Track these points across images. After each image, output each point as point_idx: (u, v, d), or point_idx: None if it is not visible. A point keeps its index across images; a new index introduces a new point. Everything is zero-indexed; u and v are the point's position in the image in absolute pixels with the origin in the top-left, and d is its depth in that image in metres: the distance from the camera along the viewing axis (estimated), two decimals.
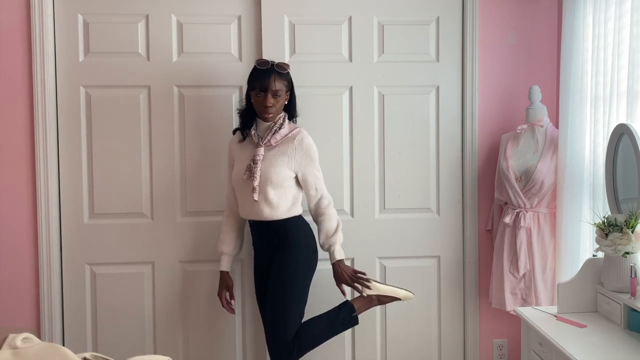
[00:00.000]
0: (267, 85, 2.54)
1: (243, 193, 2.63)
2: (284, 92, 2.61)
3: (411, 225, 3.11)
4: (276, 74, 2.57)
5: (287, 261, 2.61)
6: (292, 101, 2.68)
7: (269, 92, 2.55)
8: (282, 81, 2.59)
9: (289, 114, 2.69)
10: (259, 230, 2.68)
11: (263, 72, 2.57)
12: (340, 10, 3.03)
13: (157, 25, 2.95)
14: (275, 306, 2.61)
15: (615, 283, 2.32)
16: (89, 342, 3.00)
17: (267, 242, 2.67)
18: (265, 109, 2.57)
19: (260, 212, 2.60)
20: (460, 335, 3.18)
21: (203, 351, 3.05)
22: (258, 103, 2.58)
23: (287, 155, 2.60)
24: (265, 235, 2.66)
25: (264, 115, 2.59)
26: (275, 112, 2.61)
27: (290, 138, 2.62)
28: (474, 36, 3.06)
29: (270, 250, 2.67)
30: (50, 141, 2.89)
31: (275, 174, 2.57)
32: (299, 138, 2.62)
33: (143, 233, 2.99)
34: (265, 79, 2.55)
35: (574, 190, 2.72)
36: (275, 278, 2.63)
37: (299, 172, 2.63)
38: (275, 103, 2.58)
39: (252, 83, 2.60)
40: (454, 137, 3.11)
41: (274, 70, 2.58)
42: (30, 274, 2.93)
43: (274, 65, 2.59)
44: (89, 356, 1.92)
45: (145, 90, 2.97)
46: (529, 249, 2.87)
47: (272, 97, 2.56)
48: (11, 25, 2.86)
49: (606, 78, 2.51)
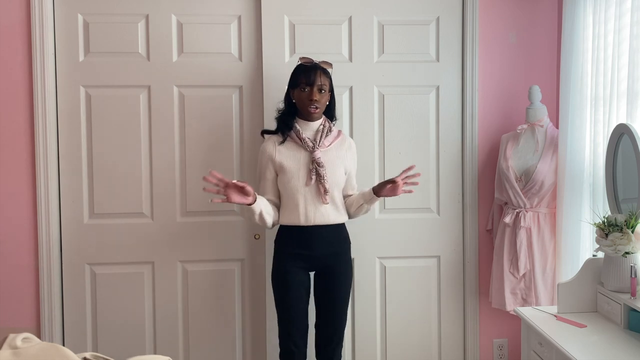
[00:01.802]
0: (313, 80, 2.54)
1: (304, 198, 2.57)
2: (327, 89, 2.61)
3: (411, 225, 3.11)
4: (321, 70, 2.58)
5: (347, 268, 2.68)
6: (332, 102, 2.68)
7: (314, 86, 2.55)
8: (326, 78, 2.59)
9: (329, 116, 2.69)
10: (317, 236, 2.59)
11: (308, 68, 2.57)
12: (340, 10, 3.03)
13: (157, 25, 2.95)
14: (340, 316, 2.65)
15: (615, 283, 2.32)
16: (89, 342, 3.00)
17: (325, 247, 2.61)
18: (311, 103, 2.54)
19: (328, 216, 2.59)
20: (460, 335, 3.18)
21: (203, 351, 3.05)
22: (304, 98, 2.56)
23: (340, 157, 2.64)
24: (325, 240, 2.60)
25: (310, 110, 2.56)
26: (321, 108, 2.59)
27: (340, 140, 2.67)
28: (474, 36, 3.06)
29: (327, 256, 2.62)
30: (50, 141, 2.89)
31: (339, 177, 2.61)
32: (349, 140, 2.72)
33: (143, 233, 2.99)
34: (310, 74, 2.54)
35: (574, 190, 2.72)
36: (339, 286, 2.64)
37: (346, 171, 2.67)
38: (320, 99, 2.56)
39: (297, 79, 2.58)
40: (454, 137, 3.11)
41: (319, 66, 2.59)
42: (30, 274, 2.93)
43: (317, 62, 2.61)
44: (89, 356, 1.92)
45: (145, 90, 2.97)
46: (529, 249, 2.87)
47: (317, 92, 2.55)
48: (11, 25, 2.86)
49: (606, 78, 2.51)
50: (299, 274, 2.61)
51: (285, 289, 2.59)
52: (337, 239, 2.65)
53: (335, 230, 2.63)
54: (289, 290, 2.59)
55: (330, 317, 2.65)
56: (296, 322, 2.61)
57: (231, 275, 3.05)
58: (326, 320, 2.66)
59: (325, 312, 2.65)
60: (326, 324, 2.66)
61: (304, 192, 2.56)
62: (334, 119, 2.72)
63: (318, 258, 2.60)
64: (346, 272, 2.68)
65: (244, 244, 3.04)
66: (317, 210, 2.57)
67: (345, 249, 2.69)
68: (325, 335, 2.67)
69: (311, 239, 2.58)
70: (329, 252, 2.62)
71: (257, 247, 3.03)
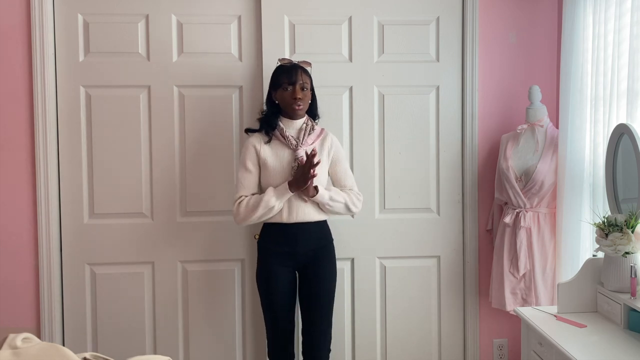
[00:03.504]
0: (295, 79, 2.58)
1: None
2: (309, 87, 2.65)
3: (411, 225, 3.11)
4: (301, 69, 2.62)
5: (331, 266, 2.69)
6: (314, 101, 2.72)
7: (297, 85, 2.59)
8: (307, 76, 2.64)
9: (311, 114, 2.71)
10: (301, 233, 2.61)
11: (289, 68, 2.61)
12: (340, 10, 3.03)
13: (157, 25, 2.95)
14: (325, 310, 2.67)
15: (615, 283, 2.32)
16: (89, 342, 3.00)
17: (308, 244, 2.63)
18: (295, 101, 2.58)
19: (309, 213, 2.60)
20: (460, 335, 3.18)
21: (203, 351, 3.05)
22: (287, 97, 2.59)
23: (324, 155, 2.66)
24: (307, 237, 2.62)
25: (295, 107, 2.59)
26: (304, 106, 2.63)
27: (322, 138, 2.69)
28: (474, 36, 3.06)
29: (309, 253, 2.64)
30: (50, 141, 2.89)
31: (322, 174, 2.63)
32: (330, 137, 2.72)
33: (143, 233, 2.99)
34: (292, 74, 2.59)
35: (574, 190, 2.72)
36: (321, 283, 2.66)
37: (331, 169, 2.71)
38: (304, 97, 2.60)
39: (279, 79, 2.61)
40: (454, 137, 3.11)
41: (299, 66, 2.63)
42: (30, 274, 2.93)
43: (297, 62, 2.65)
44: (89, 356, 1.92)
45: (145, 90, 2.97)
46: (529, 249, 2.87)
47: (300, 90, 2.59)
48: (11, 25, 2.86)
49: (606, 78, 2.51)
50: (284, 272, 2.63)
51: (270, 286, 2.62)
52: (319, 236, 2.66)
53: (317, 227, 2.65)
54: (274, 287, 2.61)
55: (316, 317, 2.66)
56: (281, 318, 2.63)
57: (231, 275, 3.05)
58: (311, 321, 2.67)
59: (310, 313, 2.67)
60: (311, 324, 2.66)
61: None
62: (317, 117, 2.75)
63: (301, 255, 2.62)
64: (329, 269, 2.69)
65: (244, 244, 3.04)
66: (298, 208, 2.59)
67: (326, 245, 2.70)
68: (311, 339, 2.67)
69: (294, 236, 2.61)
70: (311, 248, 2.64)
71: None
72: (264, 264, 2.64)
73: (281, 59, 2.68)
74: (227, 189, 2.99)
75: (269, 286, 2.62)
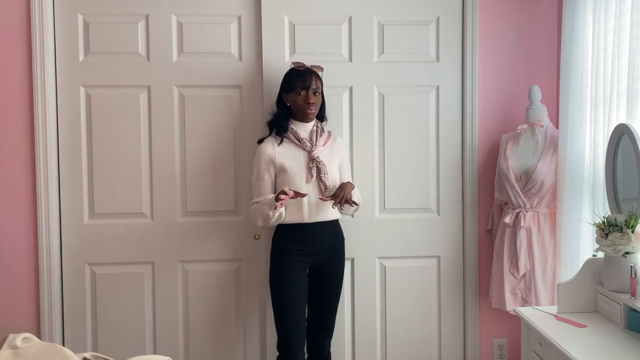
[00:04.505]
0: (309, 84, 2.64)
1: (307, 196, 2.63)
2: (320, 92, 2.71)
3: (411, 225, 3.11)
4: (314, 74, 2.68)
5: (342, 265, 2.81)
6: (323, 104, 2.78)
7: (310, 90, 2.64)
8: (319, 81, 2.71)
9: (320, 117, 2.79)
10: (319, 232, 2.68)
11: (302, 72, 2.67)
12: (340, 10, 3.03)
13: (157, 25, 2.95)
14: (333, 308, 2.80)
15: (615, 283, 2.32)
16: (89, 342, 3.00)
17: (325, 242, 2.71)
18: (308, 106, 2.65)
19: (327, 212, 2.68)
20: (460, 335, 3.18)
21: (203, 351, 3.05)
22: (300, 101, 2.65)
23: (334, 155, 2.75)
24: (324, 235, 2.71)
25: (308, 112, 2.66)
26: (316, 110, 2.70)
27: (332, 140, 2.78)
28: (474, 36, 3.06)
29: (326, 251, 2.72)
30: (50, 141, 2.89)
31: (335, 174, 2.72)
32: (339, 140, 2.84)
33: (143, 233, 2.99)
34: (306, 79, 2.65)
35: (574, 190, 2.72)
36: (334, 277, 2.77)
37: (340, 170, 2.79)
38: (316, 101, 2.67)
39: (292, 83, 2.67)
40: (454, 137, 3.11)
41: (312, 70, 2.69)
42: (30, 274, 2.93)
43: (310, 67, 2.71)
44: (89, 356, 1.92)
45: (145, 90, 2.97)
46: (529, 249, 2.87)
47: (313, 95, 2.65)
48: (11, 25, 2.86)
49: (606, 78, 2.51)
50: (299, 271, 2.67)
51: (286, 286, 2.65)
52: (334, 234, 2.77)
53: (332, 226, 2.75)
54: (290, 287, 2.65)
55: (324, 309, 2.78)
56: (294, 319, 2.65)
57: (231, 275, 3.05)
58: (319, 312, 2.77)
59: (319, 305, 2.76)
60: (319, 316, 2.77)
61: (306, 190, 2.63)
62: (324, 120, 2.82)
63: (318, 253, 2.69)
64: (341, 265, 2.80)
65: (244, 244, 3.03)
66: (316, 207, 2.65)
67: (340, 243, 2.81)
68: (317, 327, 2.78)
69: (313, 235, 2.67)
70: (327, 247, 2.72)
71: (257, 247, 3.03)
72: (279, 263, 2.68)
73: (295, 63, 2.72)
74: (227, 189, 2.99)
75: (287, 285, 2.66)
